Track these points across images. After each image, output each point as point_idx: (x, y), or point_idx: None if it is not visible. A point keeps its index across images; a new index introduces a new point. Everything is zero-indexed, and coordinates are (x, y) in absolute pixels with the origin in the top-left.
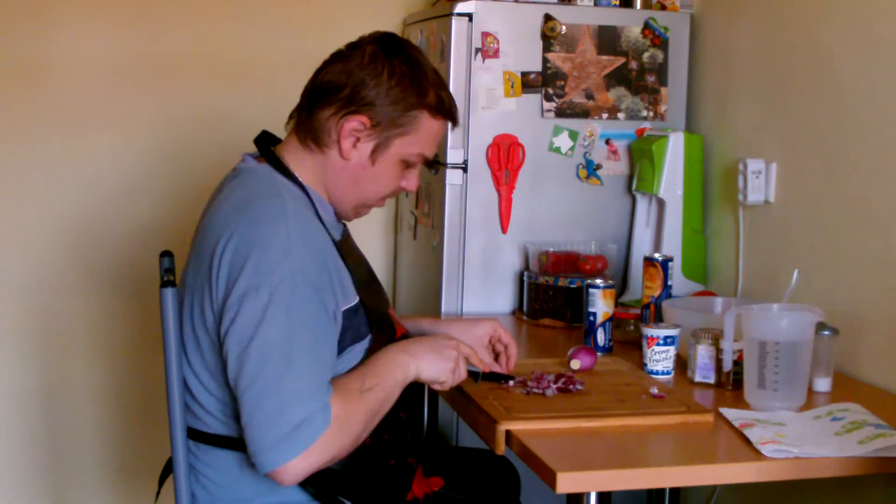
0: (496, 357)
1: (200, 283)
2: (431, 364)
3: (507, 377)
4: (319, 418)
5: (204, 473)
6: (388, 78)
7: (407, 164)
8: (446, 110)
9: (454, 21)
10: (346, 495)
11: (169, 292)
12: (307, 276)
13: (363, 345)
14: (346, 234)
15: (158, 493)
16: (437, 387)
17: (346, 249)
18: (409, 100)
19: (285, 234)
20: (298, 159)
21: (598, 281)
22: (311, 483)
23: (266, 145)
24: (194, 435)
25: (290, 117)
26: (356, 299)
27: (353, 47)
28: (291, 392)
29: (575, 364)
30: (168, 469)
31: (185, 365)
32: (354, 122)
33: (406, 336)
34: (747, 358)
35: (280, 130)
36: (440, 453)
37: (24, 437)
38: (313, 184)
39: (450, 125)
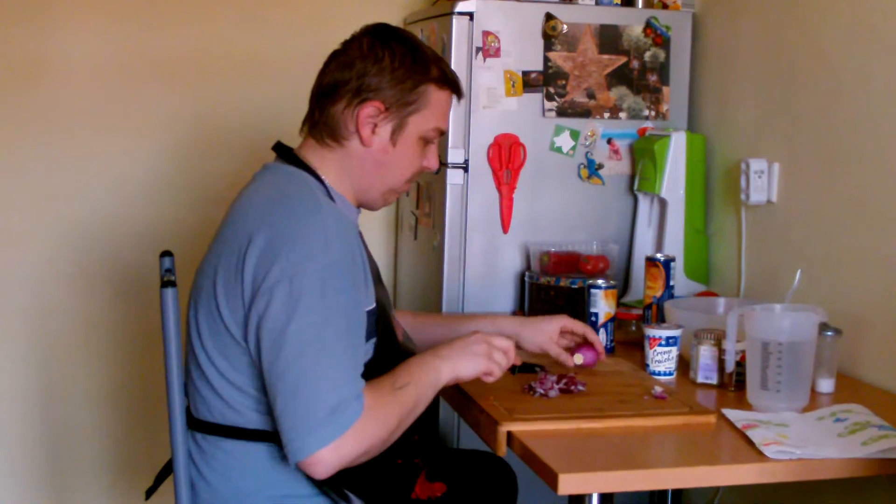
0: (575, 346)
1: (228, 277)
2: (466, 361)
3: (540, 366)
4: (354, 405)
5: (209, 465)
6: (389, 61)
7: (425, 141)
8: (451, 81)
9: (455, 20)
10: (352, 489)
11: (169, 292)
12: (343, 267)
13: (369, 345)
14: (359, 235)
15: (154, 489)
16: (489, 379)
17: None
18: (414, 77)
19: (322, 229)
20: (320, 158)
21: (600, 281)
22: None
23: (284, 151)
24: (203, 426)
25: (303, 124)
26: (374, 303)
27: (348, 43)
28: (326, 379)
29: (578, 359)
30: (165, 471)
31: (202, 353)
32: (369, 109)
33: (407, 337)
34: (750, 359)
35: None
36: (442, 457)
37: (23, 437)
38: (337, 183)
39: (455, 99)
